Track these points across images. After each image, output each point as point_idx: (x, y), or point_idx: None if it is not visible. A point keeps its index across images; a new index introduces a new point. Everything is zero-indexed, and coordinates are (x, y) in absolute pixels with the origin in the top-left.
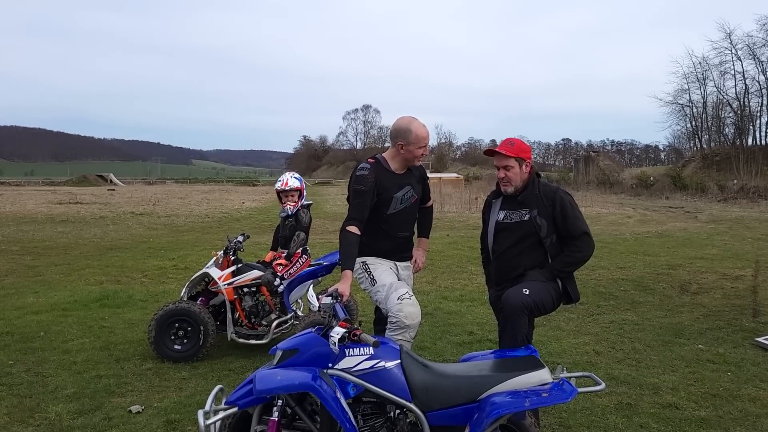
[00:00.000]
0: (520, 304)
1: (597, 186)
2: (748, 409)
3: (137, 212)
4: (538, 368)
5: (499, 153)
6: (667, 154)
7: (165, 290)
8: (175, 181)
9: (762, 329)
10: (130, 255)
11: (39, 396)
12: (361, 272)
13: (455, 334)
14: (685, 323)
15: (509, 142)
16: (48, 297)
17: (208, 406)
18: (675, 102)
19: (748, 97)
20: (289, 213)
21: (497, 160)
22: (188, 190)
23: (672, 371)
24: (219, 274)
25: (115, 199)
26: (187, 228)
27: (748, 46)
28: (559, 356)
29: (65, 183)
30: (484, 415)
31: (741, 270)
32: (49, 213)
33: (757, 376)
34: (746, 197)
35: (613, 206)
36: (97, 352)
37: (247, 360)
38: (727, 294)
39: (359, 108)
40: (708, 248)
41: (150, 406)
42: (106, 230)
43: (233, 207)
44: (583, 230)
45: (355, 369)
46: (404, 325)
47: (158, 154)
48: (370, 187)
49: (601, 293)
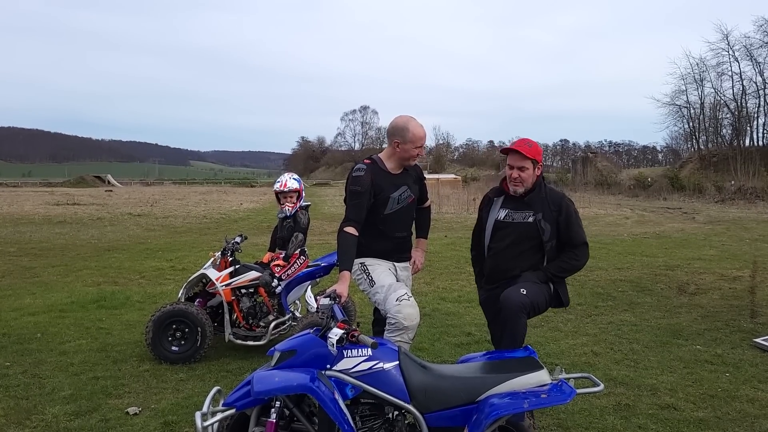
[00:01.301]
0: (520, 305)
1: (595, 187)
2: (746, 409)
3: (135, 213)
4: (536, 369)
5: (517, 152)
6: (664, 155)
7: (163, 291)
8: (173, 182)
9: (760, 330)
10: (128, 256)
11: (36, 398)
12: (359, 273)
13: (453, 336)
14: (683, 324)
15: (527, 143)
16: (45, 298)
17: (206, 407)
18: (672, 103)
19: (746, 98)
20: (288, 214)
21: (512, 160)
22: (186, 191)
23: (670, 372)
24: (217, 275)
25: (112, 200)
26: (184, 229)
27: (745, 47)
28: (557, 357)
29: (62, 184)
30: (483, 416)
31: (739, 271)
32: (47, 214)
33: (755, 377)
34: (744, 198)
35: (611, 207)
36: (94, 354)
37: (244, 361)
38: (725, 295)
39: (357, 109)
40: (706, 249)
41: (147, 408)
42: (104, 231)
43: (231, 208)
44: (583, 240)
45: (354, 370)
46: (403, 327)
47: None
48: (366, 187)
49: (599, 294)
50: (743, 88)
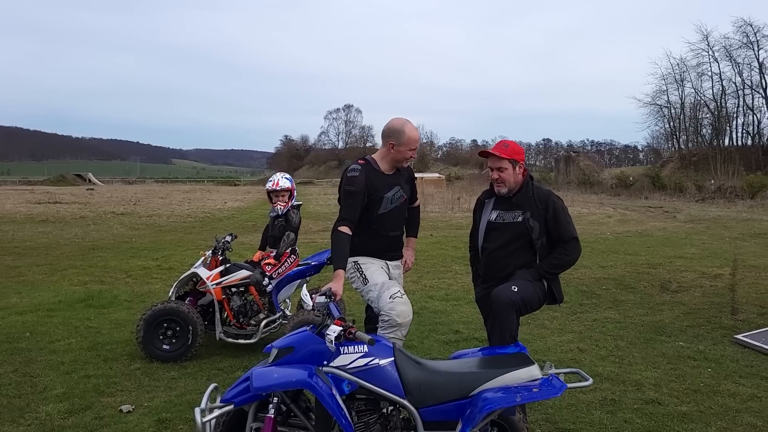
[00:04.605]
0: (509, 301)
1: (577, 186)
2: (728, 404)
3: (118, 212)
4: (527, 365)
5: (494, 155)
6: (645, 154)
7: (150, 290)
8: (155, 180)
9: (740, 327)
10: (113, 255)
11: (28, 396)
12: (353, 272)
13: (442, 333)
14: (666, 321)
15: (503, 144)
16: (32, 297)
17: (204, 403)
18: (653, 103)
19: (725, 98)
20: (279, 213)
21: (491, 162)
22: (169, 190)
23: (654, 368)
24: (207, 274)
25: (94, 199)
26: (169, 228)
27: (725, 47)
28: (543, 354)
29: (43, 182)
30: (477, 410)
31: (719, 269)
32: (29, 213)
33: (736, 372)
34: (723, 197)
35: (593, 206)
36: (84, 353)
37: (235, 359)
38: (707, 292)
39: (341, 108)
40: (687, 247)
41: (140, 406)
42: (87, 230)
43: (215, 207)
44: (573, 235)
45: (350, 366)
46: (396, 324)
47: (137, 154)
48: (360, 187)
49: (584, 292)
50: (723, 88)
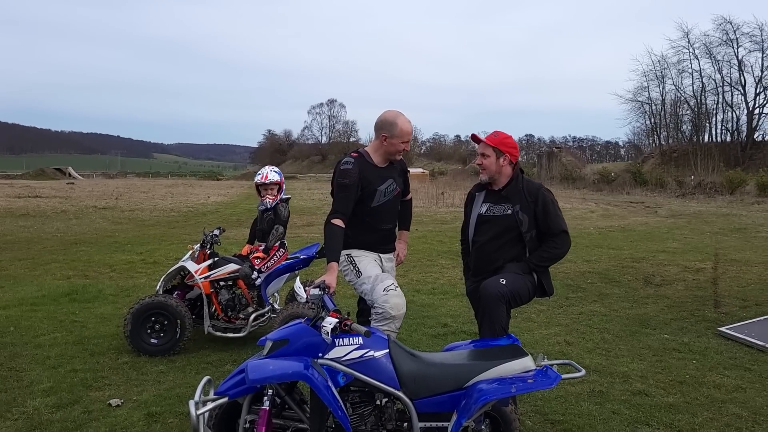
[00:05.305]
0: (498, 293)
1: (560, 181)
2: (713, 395)
3: (100, 206)
4: (521, 356)
5: (481, 140)
6: (627, 150)
7: (135, 285)
8: (137, 174)
9: (723, 319)
10: (96, 249)
11: (14, 390)
12: (346, 264)
13: (430, 326)
14: (650, 314)
15: (494, 133)
16: (15, 292)
17: (197, 396)
18: (635, 99)
19: (705, 95)
20: (268, 206)
21: (479, 148)
22: (151, 184)
23: (640, 360)
24: (195, 268)
25: (75, 193)
26: (152, 222)
27: (705, 45)
28: (531, 347)
29: (22, 176)
30: (473, 401)
31: (701, 263)
32: (8, 207)
33: (720, 364)
34: (703, 192)
35: (576, 201)
36: (70, 347)
37: (224, 353)
38: (690, 286)
39: (324, 102)
40: (669, 242)
41: (129, 400)
42: (69, 224)
43: (198, 201)
44: (562, 228)
45: (345, 358)
46: (390, 316)
47: (118, 148)
48: (354, 180)
49: (570, 286)
50: (703, 85)
